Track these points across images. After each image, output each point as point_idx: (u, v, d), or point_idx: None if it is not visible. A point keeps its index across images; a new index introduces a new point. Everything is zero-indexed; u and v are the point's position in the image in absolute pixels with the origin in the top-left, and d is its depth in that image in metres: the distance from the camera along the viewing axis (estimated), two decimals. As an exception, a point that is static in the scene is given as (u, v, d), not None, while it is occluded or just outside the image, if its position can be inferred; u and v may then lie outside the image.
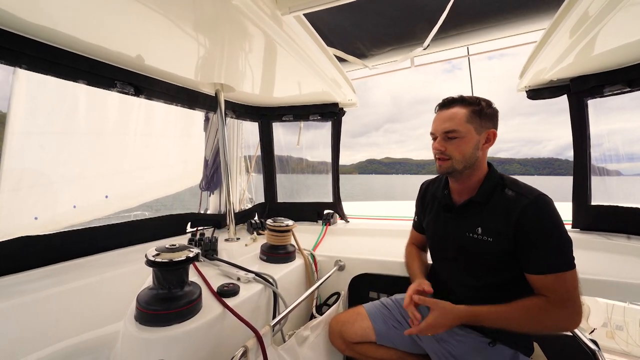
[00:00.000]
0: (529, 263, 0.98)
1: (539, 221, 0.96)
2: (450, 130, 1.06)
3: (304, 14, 1.14)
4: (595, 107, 1.76)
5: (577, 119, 1.77)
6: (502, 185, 1.07)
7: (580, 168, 1.79)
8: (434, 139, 1.12)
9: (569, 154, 1.84)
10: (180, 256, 0.91)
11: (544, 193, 1.00)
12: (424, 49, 2.01)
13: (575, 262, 0.94)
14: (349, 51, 2.14)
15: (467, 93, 1.15)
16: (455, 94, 1.13)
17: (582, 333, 1.02)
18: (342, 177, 2.46)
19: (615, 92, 1.59)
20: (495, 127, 1.10)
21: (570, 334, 1.07)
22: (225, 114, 2.12)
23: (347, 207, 2.53)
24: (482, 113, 1.07)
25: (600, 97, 1.66)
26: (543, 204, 0.97)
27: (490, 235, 1.04)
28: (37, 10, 1.01)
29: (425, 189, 1.38)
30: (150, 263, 0.88)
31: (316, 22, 1.38)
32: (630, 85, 1.53)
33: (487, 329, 1.07)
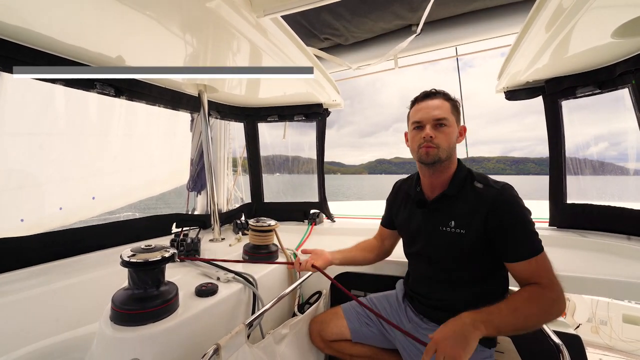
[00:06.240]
0: (508, 251, 0.98)
1: (510, 208, 0.99)
2: (441, 118, 1.08)
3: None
4: (611, 102, 1.68)
5: (551, 119, 1.82)
6: (472, 178, 1.10)
7: (556, 167, 1.84)
8: (419, 127, 1.12)
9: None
10: (156, 256, 0.92)
11: (508, 183, 1.04)
12: (417, 35, 1.95)
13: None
14: (328, 32, 2.10)
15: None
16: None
17: (547, 326, 1.05)
18: (350, 177, 2.48)
19: (586, 93, 1.64)
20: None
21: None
22: (210, 115, 2.12)
23: (348, 206, 2.51)
24: (458, 108, 1.13)
25: (573, 98, 1.71)
26: (510, 192, 1.01)
27: (463, 227, 1.05)
28: (10, 10, 1.00)
29: (398, 187, 1.40)
30: (125, 264, 0.89)
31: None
32: (601, 87, 1.58)
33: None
